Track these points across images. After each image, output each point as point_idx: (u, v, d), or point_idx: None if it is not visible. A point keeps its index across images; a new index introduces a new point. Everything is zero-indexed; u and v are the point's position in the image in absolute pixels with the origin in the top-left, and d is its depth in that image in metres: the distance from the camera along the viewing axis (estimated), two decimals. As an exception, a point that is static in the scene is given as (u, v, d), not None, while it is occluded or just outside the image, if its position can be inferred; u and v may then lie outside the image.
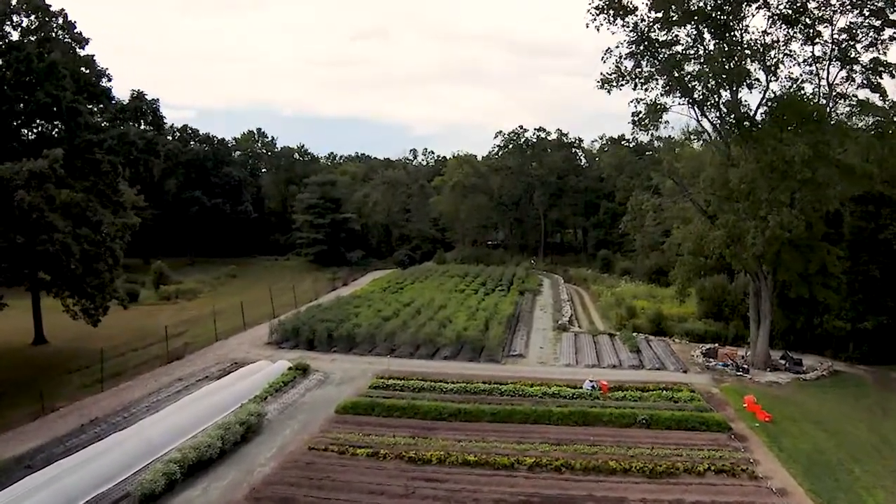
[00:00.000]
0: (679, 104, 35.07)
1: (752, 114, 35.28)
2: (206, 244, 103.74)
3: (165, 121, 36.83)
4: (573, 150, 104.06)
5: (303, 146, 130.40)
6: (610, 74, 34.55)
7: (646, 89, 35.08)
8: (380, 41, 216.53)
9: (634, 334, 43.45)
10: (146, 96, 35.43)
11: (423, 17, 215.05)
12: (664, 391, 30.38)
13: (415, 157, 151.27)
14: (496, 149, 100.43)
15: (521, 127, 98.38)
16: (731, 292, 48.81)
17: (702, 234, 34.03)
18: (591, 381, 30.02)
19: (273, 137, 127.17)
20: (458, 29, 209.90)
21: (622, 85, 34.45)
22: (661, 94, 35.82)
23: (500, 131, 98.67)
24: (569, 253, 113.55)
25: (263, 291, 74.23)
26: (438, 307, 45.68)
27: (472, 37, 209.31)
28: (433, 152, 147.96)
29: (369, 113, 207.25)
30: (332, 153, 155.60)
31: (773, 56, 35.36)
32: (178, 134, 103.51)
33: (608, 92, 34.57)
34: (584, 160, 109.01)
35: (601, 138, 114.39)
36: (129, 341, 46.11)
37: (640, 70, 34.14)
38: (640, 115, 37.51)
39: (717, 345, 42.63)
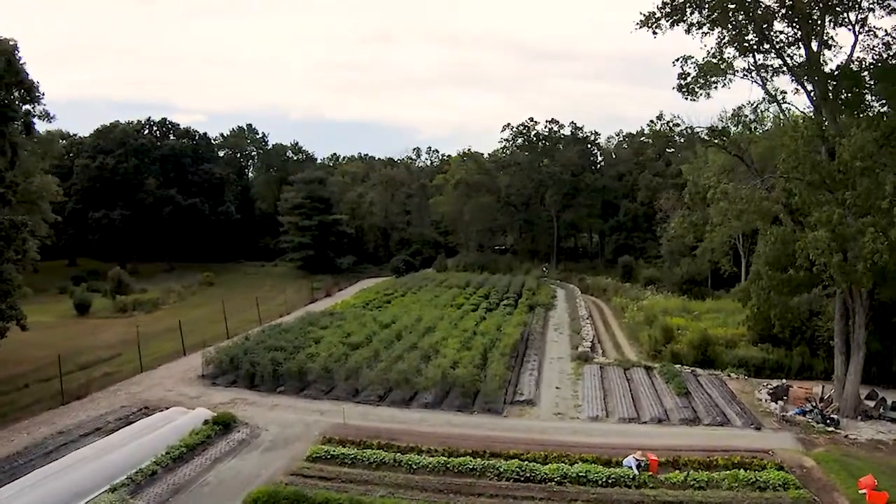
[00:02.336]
0: (755, 50, 25.09)
1: (842, 71, 25.43)
2: (188, 248, 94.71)
3: (33, 79, 26.52)
4: (588, 145, 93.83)
5: (296, 143, 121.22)
6: (657, 10, 24.60)
7: (704, 33, 25.22)
8: (386, 45, 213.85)
9: (678, 367, 33.46)
10: (-1, 40, 25.46)
11: (429, 21, 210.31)
12: (742, 470, 20.41)
13: (418, 156, 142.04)
14: (503, 143, 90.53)
15: (531, 119, 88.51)
16: (794, 309, 38.73)
17: (785, 237, 24.05)
18: (635, 458, 20.04)
19: (264, 134, 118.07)
20: (463, 32, 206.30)
21: (674, 23, 24.56)
22: (724, 43, 26.05)
23: (508, 124, 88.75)
24: (583, 259, 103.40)
25: (236, 302, 65.50)
26: (424, 330, 35.74)
27: (478, 40, 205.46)
28: (437, 151, 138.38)
29: (377, 116, 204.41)
30: (334, 154, 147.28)
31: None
32: (157, 128, 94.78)
33: (653, 34, 24.73)
34: (600, 157, 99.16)
35: (618, 135, 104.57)
36: (43, 367, 37.07)
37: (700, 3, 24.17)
38: (689, 79, 27.83)
39: (784, 381, 32.68)
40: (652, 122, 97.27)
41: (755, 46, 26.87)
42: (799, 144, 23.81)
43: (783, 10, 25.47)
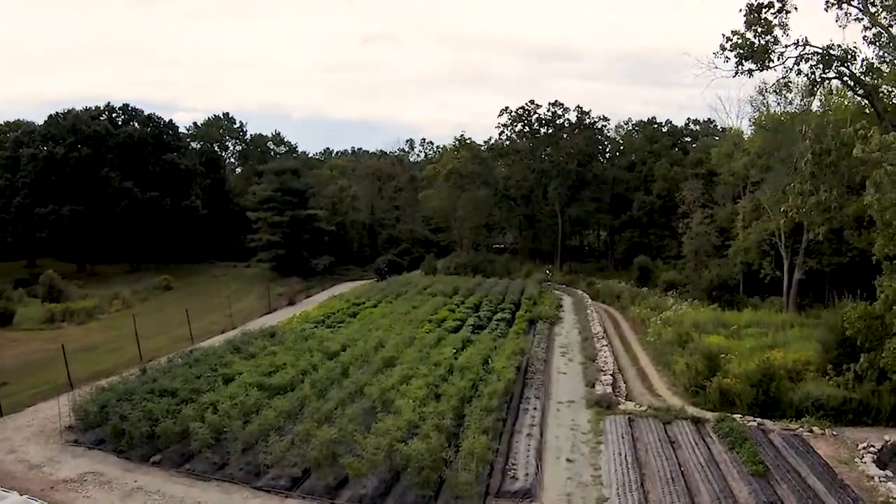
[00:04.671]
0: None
1: None
2: (154, 247, 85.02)
3: None
4: (596, 134, 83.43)
5: (278, 133, 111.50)
6: None
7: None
8: (390, 45, 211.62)
9: (738, 419, 23.80)
10: None
11: (433, 21, 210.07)
12: None
13: (412, 149, 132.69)
14: (501, 129, 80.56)
15: (531, 102, 78.60)
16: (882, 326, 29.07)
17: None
18: None
19: (242, 123, 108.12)
20: (468, 33, 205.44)
21: None
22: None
23: (507, 108, 78.90)
24: (590, 259, 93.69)
25: (188, 310, 56.59)
26: (383, 364, 25.91)
27: (483, 41, 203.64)
28: (432, 143, 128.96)
29: (380, 116, 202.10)
30: (326, 148, 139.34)
31: None
32: (117, 114, 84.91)
33: None
34: (608, 146, 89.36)
35: (626, 123, 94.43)
36: None
37: None
38: (763, 14, 18.23)
39: (888, 439, 23.03)
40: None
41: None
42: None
43: None
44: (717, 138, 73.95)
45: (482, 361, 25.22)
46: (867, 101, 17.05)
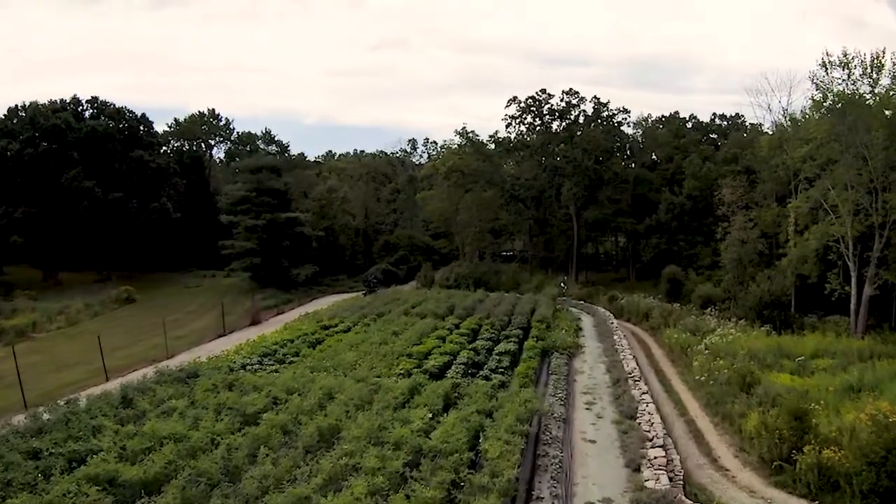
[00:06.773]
0: None
1: None
2: (126, 254, 76.79)
3: None
4: (615, 128, 74.20)
5: (268, 132, 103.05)
6: None
7: None
8: (400, 51, 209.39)
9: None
10: None
11: (443, 27, 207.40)
12: None
13: (414, 149, 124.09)
14: (509, 121, 71.67)
15: (543, 91, 69.75)
16: None
17: None
18: None
19: (228, 120, 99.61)
20: (477, 38, 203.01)
21: None
22: None
23: (515, 97, 70.14)
24: (607, 268, 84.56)
25: (139, 329, 48.75)
26: (318, 435, 16.86)
27: (492, 46, 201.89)
28: (435, 143, 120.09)
29: (390, 121, 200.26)
30: (329, 151, 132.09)
31: None
32: (84, 108, 76.70)
33: None
34: (629, 142, 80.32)
35: (645, 120, 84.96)
36: None
37: None
38: None
39: None
40: (666, 116, 77.44)
41: None
42: None
43: None
44: (745, 134, 65.42)
45: (470, 440, 16.22)
46: None
